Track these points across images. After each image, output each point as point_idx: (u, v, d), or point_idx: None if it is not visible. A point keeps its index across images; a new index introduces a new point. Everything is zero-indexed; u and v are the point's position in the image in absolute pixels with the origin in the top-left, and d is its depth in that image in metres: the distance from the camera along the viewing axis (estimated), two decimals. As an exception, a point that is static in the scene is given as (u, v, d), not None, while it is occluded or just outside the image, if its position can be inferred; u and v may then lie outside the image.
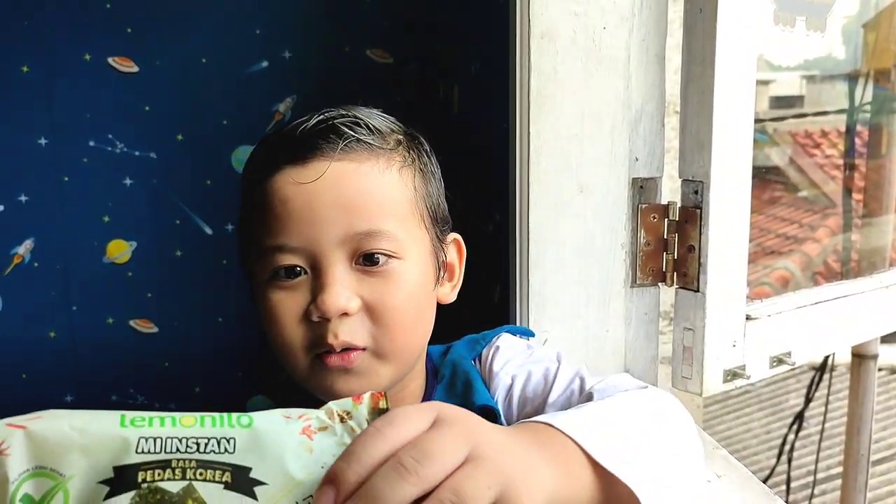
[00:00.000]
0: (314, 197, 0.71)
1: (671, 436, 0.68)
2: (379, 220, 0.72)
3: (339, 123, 0.74)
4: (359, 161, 0.73)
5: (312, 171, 0.72)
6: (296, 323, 0.73)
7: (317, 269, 0.72)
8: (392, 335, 0.73)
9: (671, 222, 0.96)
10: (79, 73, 1.18)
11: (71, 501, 0.45)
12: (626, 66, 0.92)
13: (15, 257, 1.20)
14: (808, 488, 2.63)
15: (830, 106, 2.75)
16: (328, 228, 0.71)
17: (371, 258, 0.72)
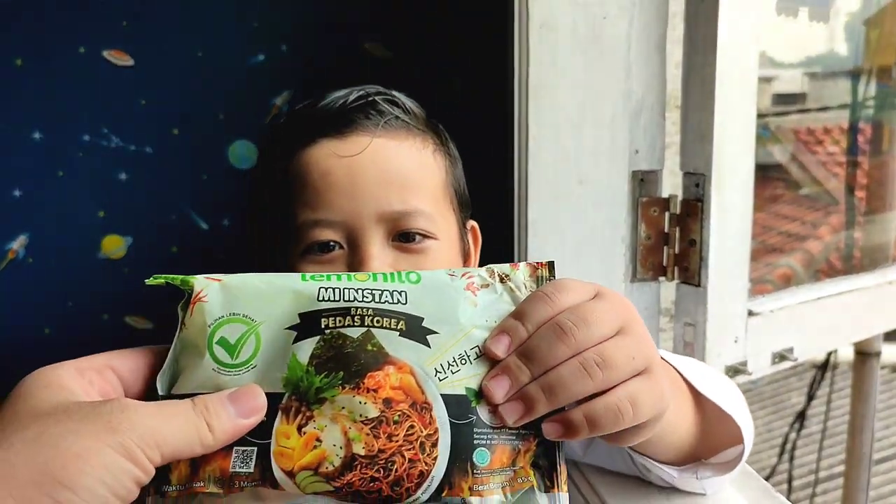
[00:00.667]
0: (356, 171, 0.71)
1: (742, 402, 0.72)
2: (417, 198, 0.72)
3: (379, 100, 0.74)
4: (398, 139, 0.73)
5: (354, 145, 0.72)
6: None
7: (354, 243, 0.71)
8: None
9: (672, 216, 0.95)
10: (73, 67, 1.16)
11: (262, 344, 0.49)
12: (626, 57, 0.91)
13: (9, 253, 1.19)
14: (810, 487, 2.62)
15: (833, 103, 2.74)
16: (369, 203, 0.70)
17: (408, 236, 0.72)
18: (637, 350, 0.49)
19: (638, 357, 0.49)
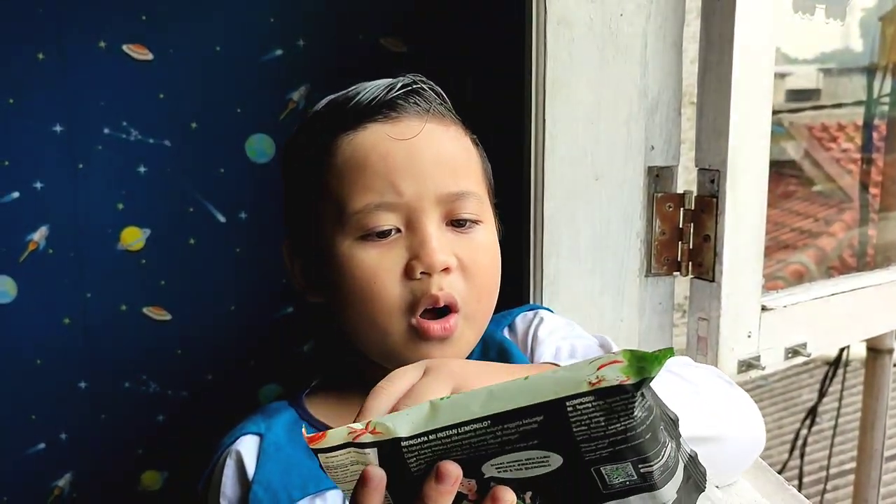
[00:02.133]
0: (416, 153, 0.72)
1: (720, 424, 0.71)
2: (469, 182, 0.74)
3: (422, 89, 0.75)
4: (445, 125, 0.75)
5: (407, 129, 0.72)
6: (396, 281, 0.71)
7: (414, 225, 0.71)
8: (480, 296, 0.74)
9: (687, 211, 0.95)
10: (93, 61, 1.18)
11: None
12: (642, 54, 0.91)
13: (30, 244, 1.20)
14: (821, 483, 2.61)
15: (847, 99, 2.73)
16: (428, 184, 0.71)
17: (461, 221, 0.73)
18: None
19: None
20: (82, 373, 1.25)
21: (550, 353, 0.79)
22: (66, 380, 1.24)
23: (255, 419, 0.80)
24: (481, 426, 0.47)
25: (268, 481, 0.73)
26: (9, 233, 1.19)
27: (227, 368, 1.28)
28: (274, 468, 0.74)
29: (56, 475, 1.26)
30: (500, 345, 0.81)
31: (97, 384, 1.25)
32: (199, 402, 1.27)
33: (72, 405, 1.25)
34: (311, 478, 0.73)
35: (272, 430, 0.78)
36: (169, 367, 1.27)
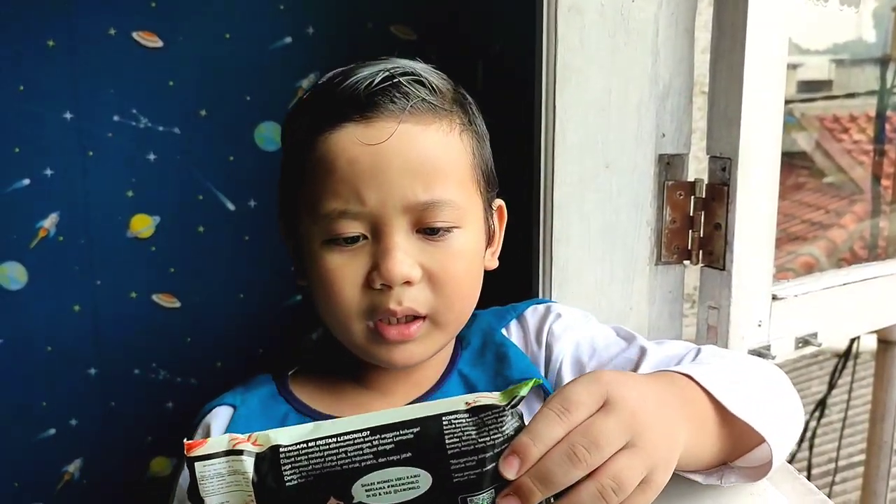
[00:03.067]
0: (382, 160, 0.69)
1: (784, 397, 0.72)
2: (443, 188, 0.71)
3: (404, 81, 0.71)
4: (424, 123, 0.71)
5: (379, 132, 0.70)
6: (356, 289, 0.71)
7: (379, 234, 0.71)
8: (451, 304, 0.73)
9: (698, 199, 0.95)
10: (103, 48, 1.18)
11: None
12: (654, 41, 0.91)
13: (40, 231, 1.20)
14: (829, 475, 2.61)
15: (860, 90, 2.71)
16: (394, 194, 0.69)
17: (434, 229, 0.71)
18: (646, 465, 0.52)
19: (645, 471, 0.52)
20: (92, 360, 1.25)
21: (571, 348, 0.79)
22: (76, 367, 1.24)
23: (236, 391, 0.82)
24: (359, 436, 0.50)
25: None
26: (19, 220, 1.19)
27: (236, 356, 1.28)
28: None
29: (66, 461, 1.27)
30: (500, 346, 0.80)
31: (107, 371, 1.26)
32: (208, 390, 1.26)
33: (82, 392, 1.25)
34: None
35: (247, 402, 0.79)
36: (178, 355, 1.28)
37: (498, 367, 0.78)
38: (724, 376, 0.66)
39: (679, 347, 0.77)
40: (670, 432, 0.56)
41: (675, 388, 0.61)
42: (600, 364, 0.77)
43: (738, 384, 0.66)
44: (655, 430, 0.53)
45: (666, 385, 0.60)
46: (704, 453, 0.64)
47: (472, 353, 0.81)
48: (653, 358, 0.76)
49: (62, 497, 1.27)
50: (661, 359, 0.75)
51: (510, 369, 0.77)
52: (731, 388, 0.64)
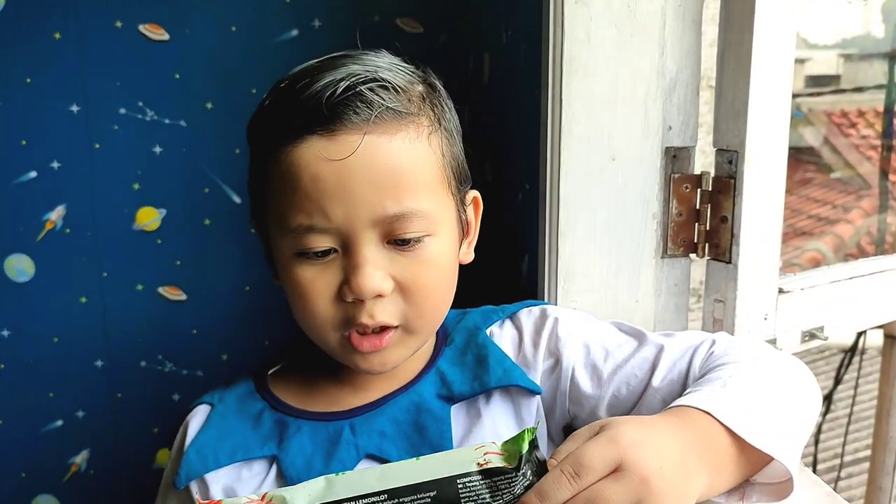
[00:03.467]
0: (347, 176, 0.68)
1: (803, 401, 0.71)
2: (412, 199, 0.70)
3: (366, 90, 0.69)
4: (390, 133, 0.69)
5: (344, 146, 0.68)
6: (328, 302, 0.71)
7: (348, 248, 0.70)
8: (422, 312, 0.73)
9: (704, 192, 0.94)
10: (110, 41, 1.18)
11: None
12: (661, 33, 0.90)
13: (47, 223, 1.21)
14: (835, 471, 2.61)
15: (868, 85, 2.70)
16: (361, 208, 0.68)
17: (404, 241, 0.70)
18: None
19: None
20: (99, 351, 1.26)
21: (581, 353, 0.78)
22: (82, 358, 1.25)
23: (216, 390, 0.83)
24: (378, 499, 0.51)
25: (201, 445, 0.76)
26: (26, 212, 1.20)
27: (242, 348, 1.28)
28: (211, 434, 0.77)
29: (73, 452, 1.27)
30: (482, 348, 0.80)
31: (113, 363, 1.26)
32: (214, 382, 1.27)
33: (88, 383, 1.26)
34: (241, 446, 0.76)
35: (224, 400, 0.81)
36: (184, 347, 1.28)
37: (477, 370, 0.78)
38: (742, 399, 0.64)
39: (691, 339, 0.77)
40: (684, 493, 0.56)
41: (695, 435, 0.60)
42: (616, 366, 0.76)
43: (756, 405, 0.65)
44: (667, 495, 0.54)
45: (686, 433, 0.59)
46: (724, 487, 0.63)
47: (454, 350, 0.81)
48: (669, 355, 0.75)
49: (69, 488, 1.28)
50: (678, 355, 0.75)
51: (487, 375, 0.77)
52: (751, 415, 0.63)
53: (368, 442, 0.74)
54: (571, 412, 0.78)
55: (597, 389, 0.76)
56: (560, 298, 0.93)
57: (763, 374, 0.69)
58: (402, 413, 0.76)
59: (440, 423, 0.74)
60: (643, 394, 0.74)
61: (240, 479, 0.75)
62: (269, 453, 0.75)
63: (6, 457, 1.25)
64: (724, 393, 0.64)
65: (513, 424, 0.77)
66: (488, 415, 0.76)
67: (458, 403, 0.77)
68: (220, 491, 0.74)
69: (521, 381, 0.76)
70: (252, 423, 0.78)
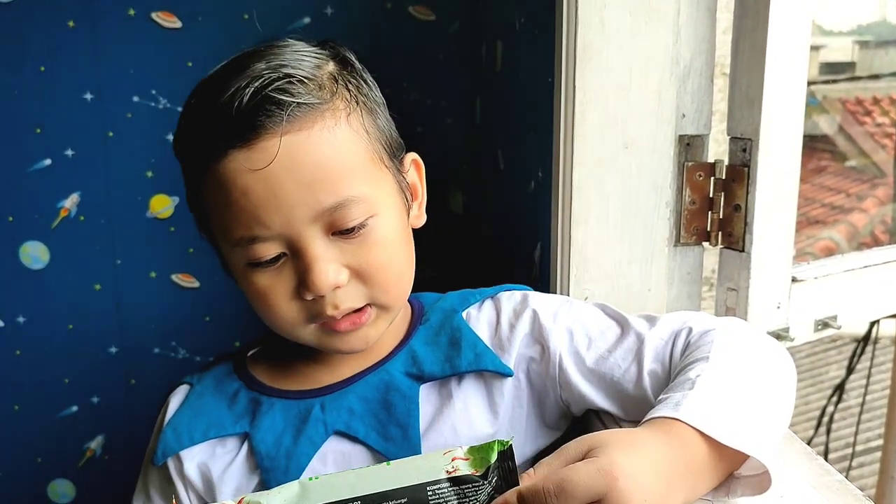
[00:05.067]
0: (273, 182, 0.67)
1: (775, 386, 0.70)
2: (345, 187, 0.69)
3: (273, 91, 0.67)
4: (307, 128, 0.68)
5: (263, 154, 0.67)
6: (290, 302, 0.72)
7: (296, 250, 0.70)
8: (387, 289, 0.74)
9: (717, 181, 0.94)
10: (123, 29, 1.18)
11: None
12: (675, 20, 0.90)
13: (62, 211, 1.22)
14: (847, 460, 2.60)
15: (884, 72, 2.68)
16: (297, 211, 0.68)
17: (348, 229, 0.70)
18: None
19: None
20: (113, 338, 1.27)
21: (566, 340, 0.78)
22: (97, 345, 1.26)
23: (196, 372, 0.85)
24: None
25: (177, 423, 0.79)
26: (41, 199, 1.21)
27: (254, 335, 1.29)
28: (187, 413, 0.79)
29: (88, 437, 1.29)
30: (455, 331, 0.80)
31: (127, 349, 1.27)
32: (228, 369, 1.29)
33: (103, 370, 1.27)
34: (214, 424, 0.78)
35: (202, 380, 0.83)
36: (197, 334, 1.29)
37: (449, 352, 0.78)
38: (711, 398, 0.64)
39: (673, 324, 0.76)
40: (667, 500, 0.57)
41: (678, 451, 0.59)
42: (600, 357, 0.76)
43: (726, 402, 0.64)
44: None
45: (669, 450, 0.59)
46: (705, 490, 0.63)
47: (428, 330, 0.81)
48: (652, 344, 0.75)
49: (84, 473, 1.29)
50: (661, 345, 0.74)
51: (459, 358, 0.77)
52: (721, 413, 0.62)
53: (337, 419, 0.75)
54: (564, 398, 0.78)
55: (583, 377, 0.77)
56: (573, 287, 0.93)
57: (733, 366, 0.68)
58: (371, 391, 0.77)
59: (408, 401, 0.76)
60: (628, 383, 0.75)
61: (214, 455, 0.77)
62: (242, 430, 0.77)
63: (23, 442, 1.26)
64: (692, 395, 0.63)
65: (484, 406, 0.78)
66: (460, 397, 0.77)
67: (429, 383, 0.77)
68: (194, 467, 0.77)
69: (492, 366, 0.77)
70: (228, 401, 0.80)
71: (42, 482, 1.29)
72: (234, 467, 0.76)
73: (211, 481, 0.76)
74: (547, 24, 0.93)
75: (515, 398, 0.79)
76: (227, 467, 0.76)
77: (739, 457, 0.63)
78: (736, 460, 0.63)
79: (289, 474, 0.73)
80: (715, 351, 0.69)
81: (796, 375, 0.75)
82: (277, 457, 0.74)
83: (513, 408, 0.78)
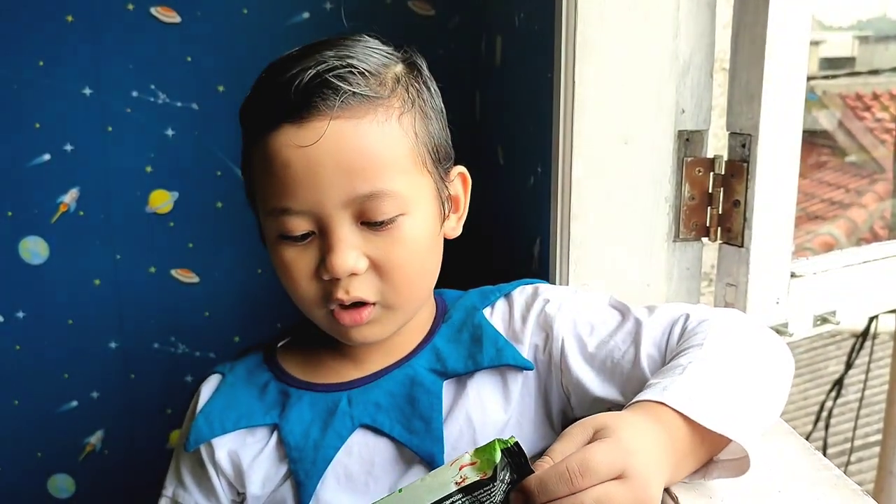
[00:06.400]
0: (315, 161, 0.71)
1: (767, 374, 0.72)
2: (381, 180, 0.72)
3: (332, 77, 0.71)
4: (357, 117, 0.71)
5: (311, 132, 0.70)
6: (309, 279, 0.75)
7: (323, 230, 0.73)
8: (398, 290, 0.76)
9: (717, 176, 0.94)
10: (122, 23, 1.18)
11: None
12: (674, 15, 0.90)
13: (61, 206, 1.22)
14: (845, 455, 2.61)
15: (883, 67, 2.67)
16: (331, 192, 0.71)
17: (377, 222, 0.73)
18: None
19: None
20: (112, 333, 1.27)
21: (569, 327, 0.79)
22: (96, 340, 1.26)
23: (227, 362, 0.87)
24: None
25: (209, 412, 0.81)
26: (40, 194, 1.21)
27: (255, 330, 1.29)
28: (219, 402, 0.82)
29: (88, 432, 1.29)
30: (477, 328, 0.82)
31: (127, 345, 1.27)
32: (227, 364, 1.29)
33: (103, 365, 1.27)
34: (245, 414, 0.80)
35: (234, 370, 0.85)
36: (197, 329, 1.29)
37: (472, 348, 0.80)
38: (698, 383, 0.65)
39: (672, 313, 0.77)
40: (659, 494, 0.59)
41: (666, 434, 0.62)
42: (601, 341, 0.78)
43: (712, 387, 0.66)
44: (656, 501, 0.57)
45: (659, 433, 0.61)
46: (685, 473, 0.66)
47: (451, 328, 0.83)
48: (650, 332, 0.76)
49: (85, 468, 1.29)
50: (658, 333, 0.76)
51: (481, 354, 0.79)
52: (705, 398, 0.64)
53: (363, 413, 0.78)
54: (565, 385, 0.80)
55: (584, 361, 0.78)
56: (572, 282, 0.93)
57: (725, 354, 0.70)
58: (397, 386, 0.79)
59: (432, 396, 0.78)
60: (626, 365, 0.76)
61: (244, 444, 0.80)
62: (271, 421, 0.79)
63: (23, 436, 1.27)
64: (681, 380, 0.65)
65: (498, 396, 0.80)
66: (473, 387, 0.79)
67: (450, 379, 0.80)
68: (225, 454, 0.79)
69: (512, 360, 0.79)
70: (258, 392, 0.82)
71: (42, 477, 1.29)
72: (263, 456, 0.79)
73: (241, 468, 0.79)
74: (547, 19, 0.93)
75: (524, 386, 0.81)
76: (257, 456, 0.79)
77: (723, 441, 0.64)
78: (719, 444, 0.65)
79: (316, 465, 0.76)
80: (710, 339, 0.71)
81: (794, 367, 0.76)
82: (305, 448, 0.77)
83: (522, 396, 0.80)
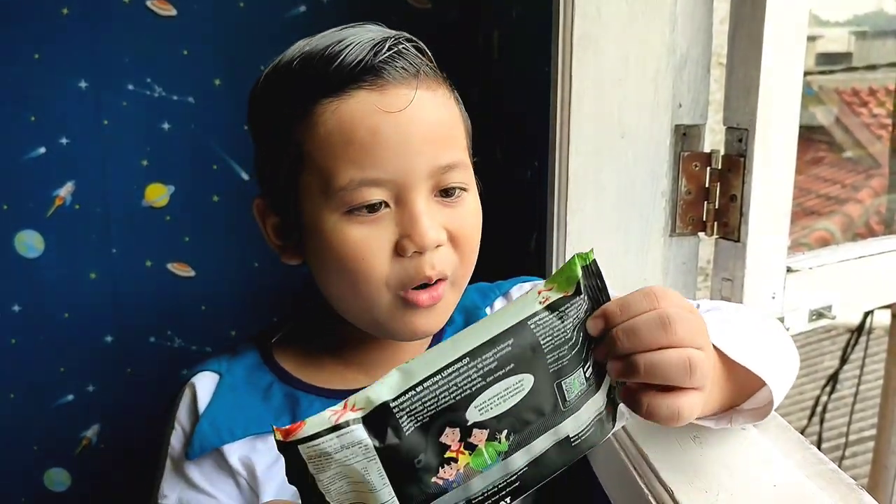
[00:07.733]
0: (405, 127, 0.68)
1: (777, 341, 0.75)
2: (456, 151, 0.72)
3: (405, 49, 0.70)
4: (432, 89, 0.71)
5: (397, 99, 0.68)
6: (384, 259, 0.69)
7: (403, 201, 0.69)
8: (468, 262, 0.74)
9: (713, 171, 0.94)
10: (118, 16, 1.18)
11: None
12: (672, 9, 0.90)
13: (56, 199, 1.21)
14: (840, 450, 2.61)
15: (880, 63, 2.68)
16: (419, 160, 0.68)
17: (449, 191, 0.71)
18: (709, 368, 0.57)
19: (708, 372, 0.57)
20: (109, 327, 1.27)
21: None
22: (93, 334, 1.26)
23: (221, 358, 0.82)
24: (462, 364, 0.51)
25: (214, 417, 0.76)
26: (36, 188, 1.20)
27: (250, 324, 1.29)
28: (223, 406, 0.77)
29: (84, 426, 1.29)
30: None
31: (123, 339, 1.27)
32: (224, 358, 1.29)
33: (99, 359, 1.27)
34: (254, 420, 0.76)
35: (232, 371, 0.80)
36: (193, 323, 1.29)
37: None
38: (724, 327, 0.68)
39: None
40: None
41: None
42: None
43: (736, 334, 0.68)
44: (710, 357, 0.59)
45: None
46: (713, 400, 0.66)
47: (454, 331, 0.78)
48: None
49: (81, 461, 1.29)
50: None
51: None
52: (732, 338, 0.66)
53: None
54: None
55: None
56: (568, 276, 0.93)
57: (750, 323, 0.74)
58: None
59: None
60: None
61: (255, 450, 0.76)
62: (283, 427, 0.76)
63: (19, 430, 1.26)
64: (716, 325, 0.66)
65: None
66: None
67: None
68: (236, 460, 0.75)
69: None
70: (262, 395, 0.79)
71: (38, 471, 1.29)
72: (277, 467, 0.75)
73: (255, 474, 0.75)
74: (544, 13, 0.93)
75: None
76: (271, 465, 0.75)
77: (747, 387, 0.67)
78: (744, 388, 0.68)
79: None
80: (728, 312, 0.74)
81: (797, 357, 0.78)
82: None
83: None
